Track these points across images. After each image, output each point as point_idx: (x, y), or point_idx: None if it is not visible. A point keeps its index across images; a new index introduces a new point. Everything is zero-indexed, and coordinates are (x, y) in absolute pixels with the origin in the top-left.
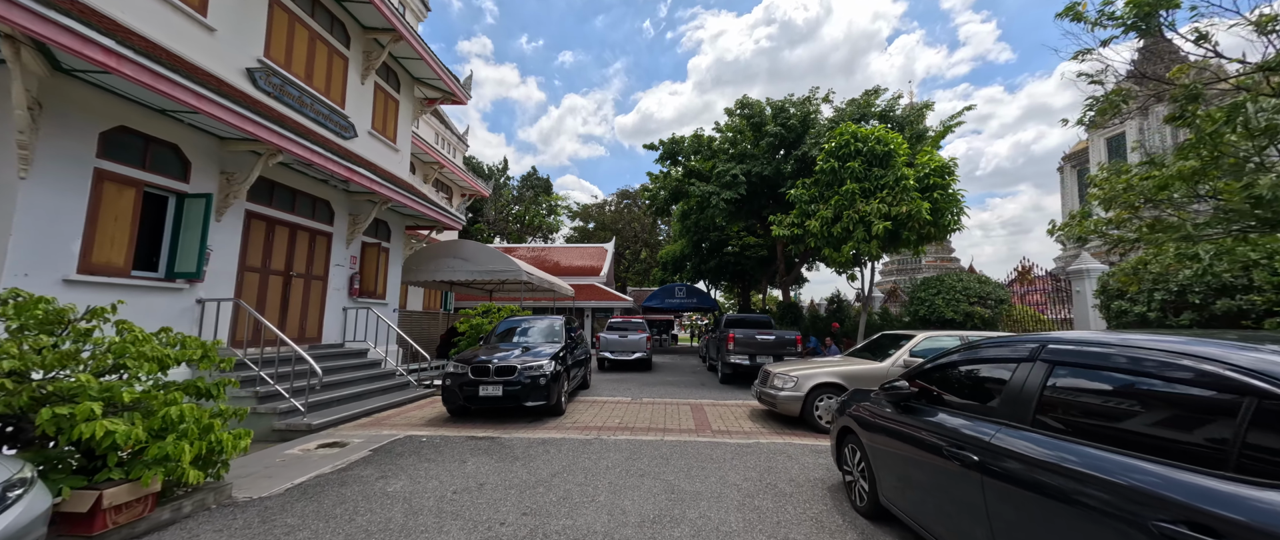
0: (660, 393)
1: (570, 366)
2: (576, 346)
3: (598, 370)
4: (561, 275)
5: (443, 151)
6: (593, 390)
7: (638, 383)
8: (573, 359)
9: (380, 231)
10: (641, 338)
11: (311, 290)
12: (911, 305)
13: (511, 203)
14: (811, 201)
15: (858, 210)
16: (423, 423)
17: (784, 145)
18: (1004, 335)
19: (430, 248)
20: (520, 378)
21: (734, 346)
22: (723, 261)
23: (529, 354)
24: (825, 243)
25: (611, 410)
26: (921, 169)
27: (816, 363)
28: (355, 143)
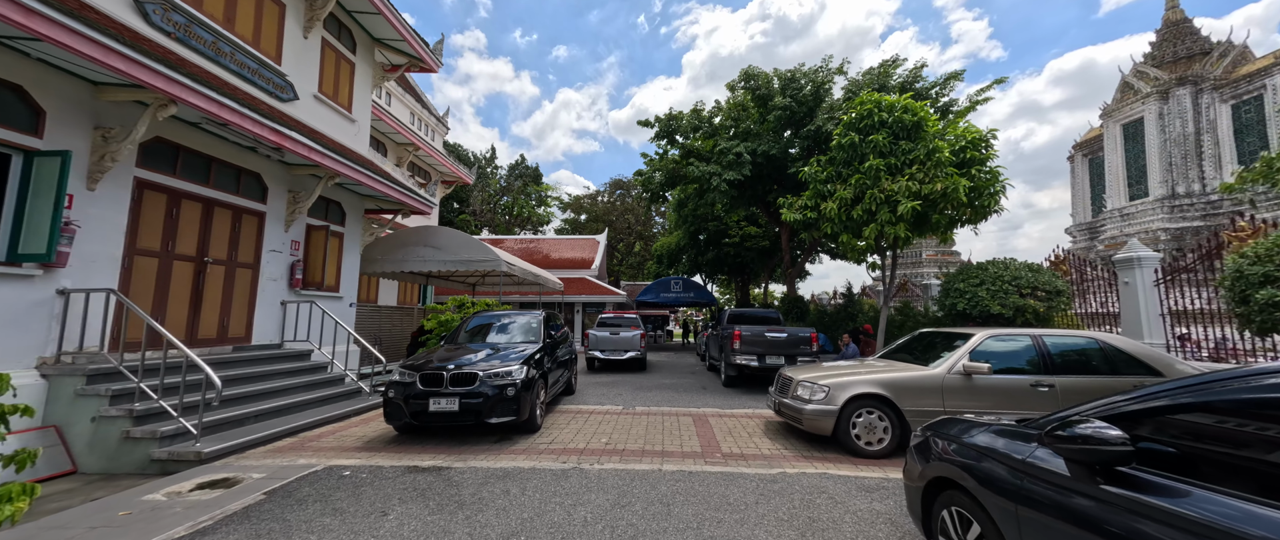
0: (656, 399)
1: (549, 371)
2: (558, 347)
3: (586, 371)
4: (551, 268)
5: (419, 133)
6: (579, 396)
7: (631, 386)
8: (553, 362)
9: (332, 213)
10: (635, 335)
11: (236, 281)
12: (945, 298)
13: (499, 193)
14: (828, 181)
15: (883, 189)
16: (357, 446)
17: (792, 122)
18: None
19: (397, 235)
20: (482, 388)
21: (740, 346)
22: (721, 254)
23: (497, 358)
24: (843, 227)
25: (598, 423)
26: (955, 141)
27: (845, 368)
28: (295, 107)
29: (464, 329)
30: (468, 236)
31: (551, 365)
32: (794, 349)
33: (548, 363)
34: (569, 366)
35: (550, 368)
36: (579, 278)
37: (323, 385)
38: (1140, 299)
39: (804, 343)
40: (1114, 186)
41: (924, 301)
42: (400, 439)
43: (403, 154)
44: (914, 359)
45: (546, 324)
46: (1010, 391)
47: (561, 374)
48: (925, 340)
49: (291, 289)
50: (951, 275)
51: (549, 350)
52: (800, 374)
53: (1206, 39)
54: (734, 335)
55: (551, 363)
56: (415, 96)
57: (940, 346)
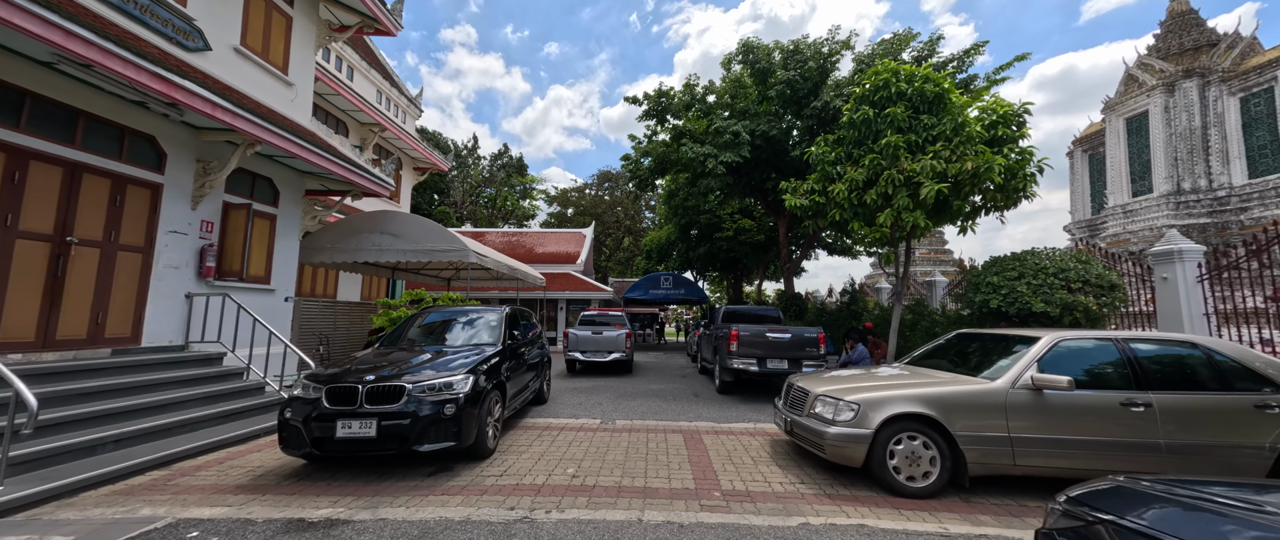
0: (641, 409)
1: (508, 379)
2: (523, 349)
3: (565, 375)
4: (535, 263)
5: (388, 113)
6: (551, 405)
7: (613, 392)
8: (516, 368)
9: (261, 191)
10: (620, 335)
11: (119, 267)
12: (972, 294)
13: (482, 184)
14: (836, 161)
15: (902, 169)
16: (239, 483)
17: (795, 99)
18: None
19: (349, 221)
20: (412, 405)
21: (738, 347)
22: (714, 248)
23: (437, 365)
24: (854, 213)
25: (568, 444)
26: (986, 116)
27: (871, 378)
28: (206, 58)
29: (410, 328)
30: (431, 223)
31: (512, 373)
32: (799, 352)
33: (507, 370)
34: (540, 371)
35: (510, 375)
36: (563, 273)
37: (233, 397)
38: (1182, 297)
39: (810, 344)
40: (1116, 182)
41: (928, 299)
42: (303, 473)
43: (367, 135)
44: (956, 367)
45: (510, 323)
46: (1095, 412)
47: (529, 381)
48: (966, 344)
49: (201, 279)
50: (980, 268)
51: (510, 354)
52: (817, 386)
53: (1213, 30)
54: (730, 336)
55: (513, 370)
56: (383, 73)
57: (993, 352)
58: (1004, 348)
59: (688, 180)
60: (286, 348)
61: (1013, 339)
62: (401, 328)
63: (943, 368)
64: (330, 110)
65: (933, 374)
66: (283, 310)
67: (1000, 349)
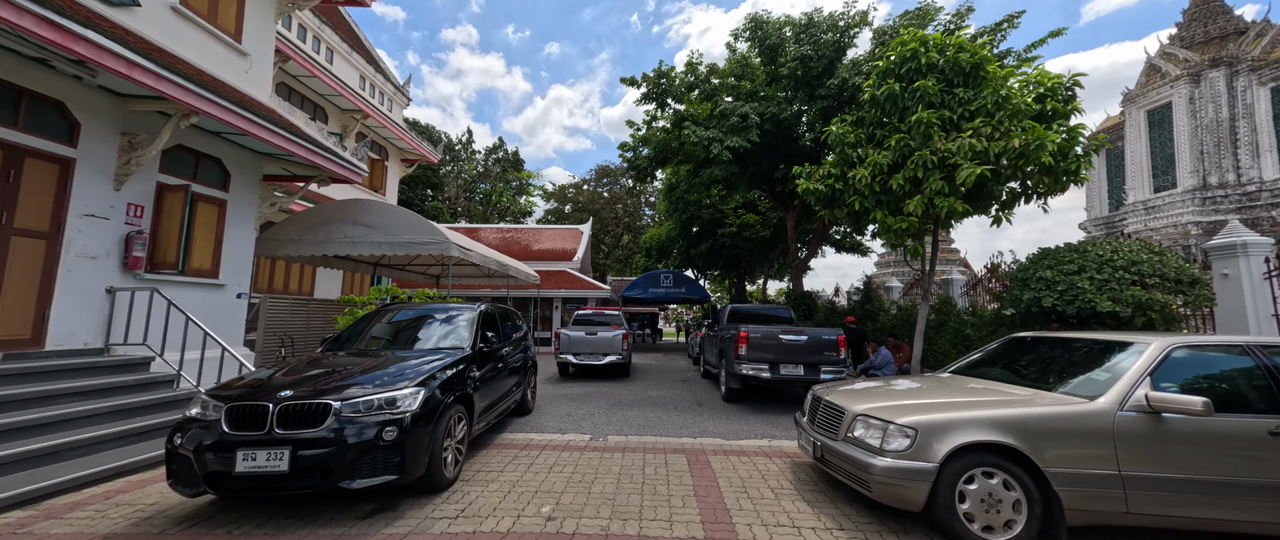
0: (638, 421)
1: (476, 390)
2: (504, 352)
3: (557, 379)
4: (530, 260)
5: (372, 100)
6: (536, 416)
7: (607, 400)
8: (488, 376)
9: (207, 173)
10: (616, 336)
11: (12, 255)
12: (1019, 291)
13: (476, 179)
14: (857, 144)
15: (935, 149)
16: (111, 531)
17: (808, 80)
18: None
19: (317, 210)
20: (336, 430)
21: (748, 351)
22: (716, 245)
23: (376, 377)
24: (877, 201)
25: (548, 470)
26: (1031, 89)
27: (919, 393)
28: (136, 16)
29: (364, 329)
30: (408, 213)
31: (485, 382)
32: (816, 357)
33: (477, 379)
34: (523, 377)
35: (481, 386)
36: (559, 270)
37: (154, 410)
38: (1248, 295)
39: (829, 348)
40: (1136, 178)
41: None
42: (202, 515)
43: (348, 122)
44: (1021, 379)
45: (484, 323)
46: (1234, 444)
47: (507, 390)
48: (1025, 351)
49: (127, 271)
50: (1028, 261)
51: (482, 360)
52: (855, 402)
53: (1239, 18)
54: (739, 338)
55: (486, 379)
56: (367, 57)
57: (1072, 362)
58: (1088, 356)
59: (690, 171)
60: (223, 352)
61: (1100, 345)
62: (354, 329)
63: (1002, 378)
64: (306, 94)
65: (1000, 389)
66: (235, 308)
67: (1084, 357)
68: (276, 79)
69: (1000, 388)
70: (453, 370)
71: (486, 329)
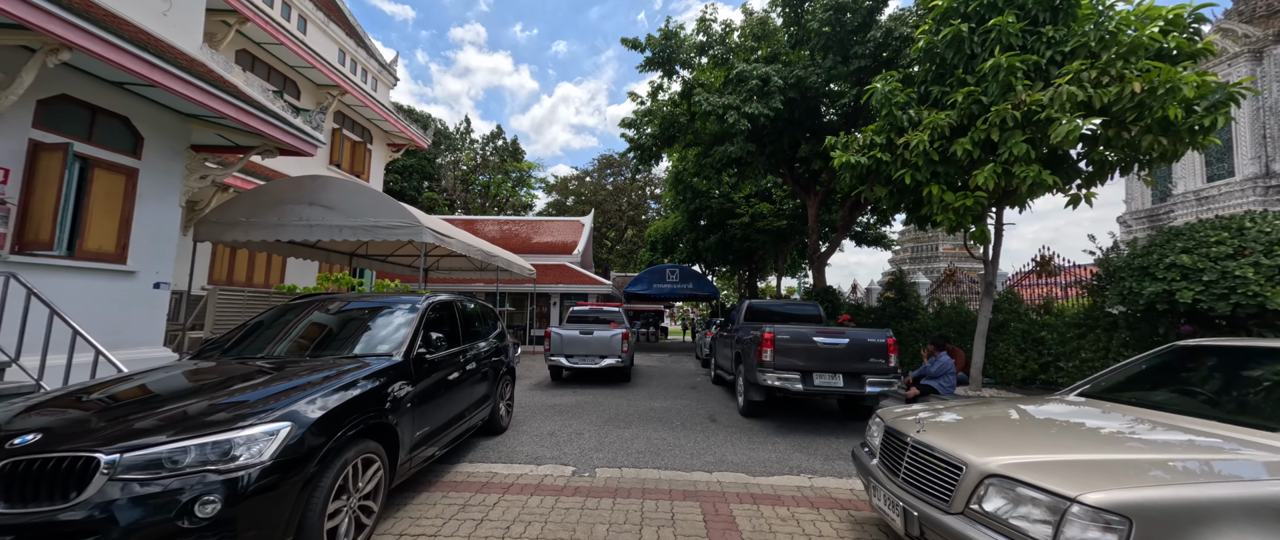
0: (637, 444)
1: (399, 419)
2: (458, 363)
3: (548, 384)
4: (528, 253)
5: (353, 77)
6: (511, 435)
7: (601, 413)
8: (431, 393)
9: (107, 132)
10: (615, 335)
11: None
12: (1133, 282)
13: (474, 170)
14: (907, 104)
15: (1019, 102)
16: None
17: (840, 37)
18: None
19: (268, 188)
20: (99, 509)
21: (774, 356)
22: (726, 237)
23: (208, 407)
24: (932, 174)
25: (510, 527)
26: (1145, 24)
27: (1085, 439)
28: None
29: (259, 329)
30: (374, 191)
31: (421, 402)
32: (860, 365)
33: (408, 400)
34: (494, 387)
35: (414, 408)
36: (558, 264)
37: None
38: None
39: (876, 354)
40: (1186, 165)
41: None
42: None
43: (324, 98)
44: (1221, 411)
45: (428, 322)
46: None
47: (468, 407)
48: (1207, 367)
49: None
50: (1150, 243)
51: (417, 373)
52: (976, 448)
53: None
54: (762, 341)
55: (423, 397)
56: (348, 30)
57: None
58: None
59: (699, 154)
60: (98, 355)
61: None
62: (244, 329)
63: (1176, 409)
64: (273, 65)
65: (1206, 428)
66: (150, 301)
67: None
68: (235, 45)
69: (1203, 426)
70: (361, 390)
71: (434, 329)
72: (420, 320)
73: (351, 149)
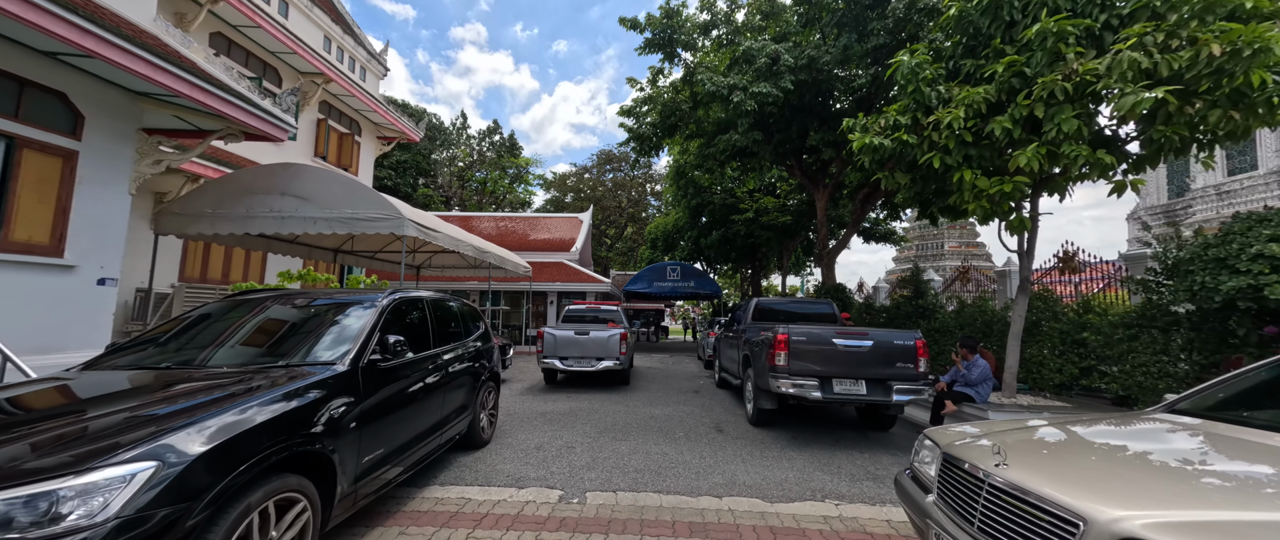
0: (636, 460)
1: (336, 447)
2: (427, 368)
3: (541, 388)
4: (525, 250)
5: (339, 66)
6: (493, 450)
7: (596, 422)
8: (381, 407)
9: (39, 109)
10: (613, 336)
11: None
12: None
13: (472, 165)
14: (935, 80)
15: (1070, 72)
16: None
17: (856, 13)
18: None
19: (235, 177)
20: None
21: (789, 360)
22: (729, 234)
23: (53, 439)
24: (964, 158)
25: None
26: None
27: (1232, 483)
28: None
29: (182, 329)
30: (351, 180)
31: (374, 419)
32: (886, 370)
33: (353, 420)
34: (473, 396)
35: (362, 428)
36: (555, 262)
37: None
38: None
39: (904, 358)
40: None
41: (1001, 292)
42: None
43: (308, 87)
44: None
45: (389, 323)
46: None
47: (439, 421)
48: None
49: None
50: (1226, 231)
51: (368, 385)
52: (1091, 495)
53: None
54: (775, 343)
55: (377, 413)
56: (334, 15)
57: None
58: None
59: (702, 144)
60: (5, 361)
61: None
62: (161, 331)
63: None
64: (251, 50)
65: None
66: (94, 300)
67: None
68: (207, 26)
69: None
70: (280, 410)
71: (396, 331)
72: (376, 321)
73: (339, 141)
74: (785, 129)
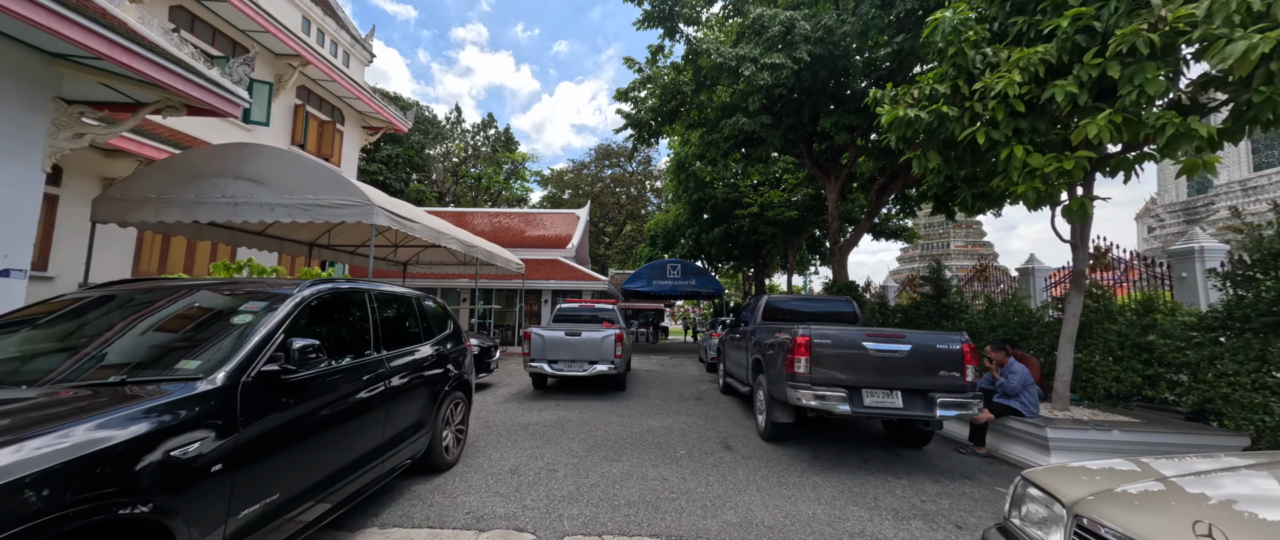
0: (629, 488)
1: (250, 475)
2: (363, 379)
3: (528, 394)
4: (519, 248)
5: (319, 49)
6: (456, 474)
7: (585, 438)
8: (284, 431)
9: None
10: (608, 337)
11: None
12: None
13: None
14: (979, 42)
15: (1157, 20)
16: None
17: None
18: None
19: (182, 158)
20: None
21: (812, 367)
22: (731, 230)
23: None
24: (1016, 130)
25: None
26: None
27: None
28: None
29: (27, 327)
30: (315, 163)
31: (267, 451)
32: (927, 380)
33: (236, 456)
34: (432, 410)
35: (243, 468)
36: (550, 259)
37: None
38: None
39: (948, 365)
40: (1228, 153)
41: (1026, 292)
42: None
43: (283, 70)
44: None
45: (297, 322)
46: None
47: (380, 445)
48: None
49: None
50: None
51: (249, 407)
52: None
53: None
54: (795, 346)
55: (278, 441)
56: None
57: None
58: None
59: (705, 132)
60: None
61: None
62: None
63: None
64: (218, 27)
65: None
66: (6, 293)
67: None
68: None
69: None
70: (80, 451)
71: (314, 333)
72: (281, 321)
73: (319, 129)
74: (796, 113)
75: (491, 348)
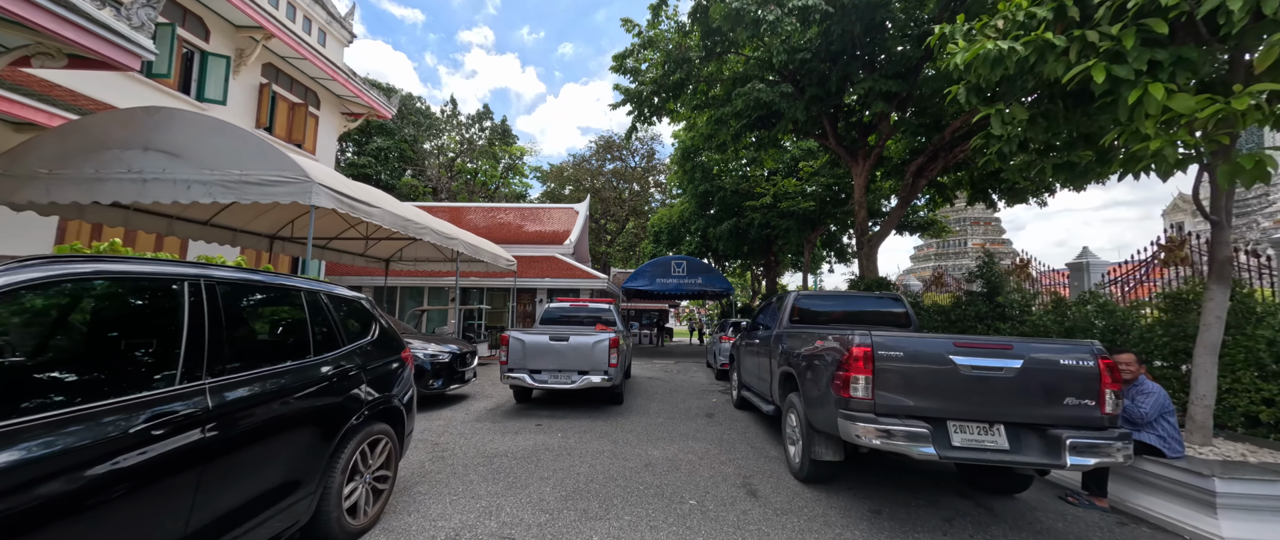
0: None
1: None
2: (114, 427)
3: (509, 408)
4: (515, 244)
5: (289, 24)
6: (387, 526)
7: (565, 476)
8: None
9: None
10: (601, 342)
11: None
12: None
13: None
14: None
15: None
16: None
17: None
18: None
19: (80, 125)
20: None
21: (875, 390)
22: (741, 224)
23: None
24: (1155, 60)
25: None
26: None
27: None
28: None
29: None
30: (242, 132)
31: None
32: (1048, 410)
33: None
34: (320, 456)
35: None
36: (546, 256)
37: None
38: None
39: (1080, 389)
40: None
41: (1080, 287)
42: None
43: (245, 44)
44: None
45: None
46: None
47: (217, 512)
48: None
49: None
50: None
51: None
52: None
53: None
54: (851, 359)
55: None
56: None
57: None
58: None
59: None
60: None
61: None
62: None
63: None
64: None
65: None
66: None
67: None
68: None
69: None
70: None
71: (28, 353)
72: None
73: (289, 111)
74: (822, 83)
75: (467, 354)
